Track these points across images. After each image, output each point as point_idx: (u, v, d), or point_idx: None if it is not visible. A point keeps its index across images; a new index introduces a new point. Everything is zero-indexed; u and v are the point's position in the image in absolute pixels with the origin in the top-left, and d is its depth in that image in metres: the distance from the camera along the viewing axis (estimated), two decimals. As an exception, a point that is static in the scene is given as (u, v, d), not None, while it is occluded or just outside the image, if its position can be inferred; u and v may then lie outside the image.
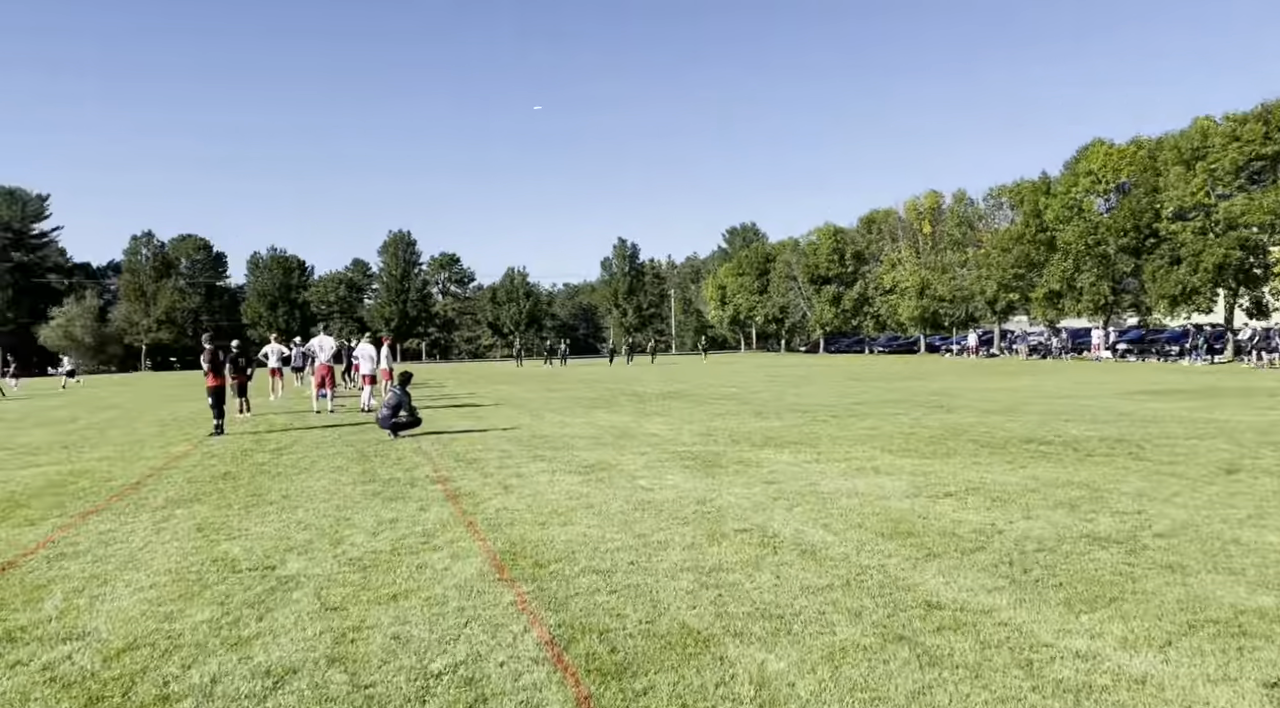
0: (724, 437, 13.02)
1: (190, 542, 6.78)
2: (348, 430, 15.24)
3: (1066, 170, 47.01)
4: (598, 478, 9.41)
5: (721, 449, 11.55)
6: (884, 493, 8.12)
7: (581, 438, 13.27)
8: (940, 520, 6.86)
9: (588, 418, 16.65)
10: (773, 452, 11.19)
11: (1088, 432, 12.56)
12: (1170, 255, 39.45)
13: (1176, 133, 40.28)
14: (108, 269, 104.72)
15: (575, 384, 30.15)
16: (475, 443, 12.86)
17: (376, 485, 9.24)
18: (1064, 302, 47.44)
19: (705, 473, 9.57)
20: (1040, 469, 9.28)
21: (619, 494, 8.39)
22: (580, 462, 10.69)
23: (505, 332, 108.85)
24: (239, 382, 18.79)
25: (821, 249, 71.31)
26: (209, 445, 13.58)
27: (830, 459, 10.40)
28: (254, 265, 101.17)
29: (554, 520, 7.24)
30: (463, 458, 11.22)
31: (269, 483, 9.59)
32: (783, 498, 7.98)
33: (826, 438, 12.53)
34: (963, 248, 55.85)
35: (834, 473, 9.37)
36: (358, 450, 12.30)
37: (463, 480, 9.45)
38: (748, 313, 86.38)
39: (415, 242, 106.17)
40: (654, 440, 12.76)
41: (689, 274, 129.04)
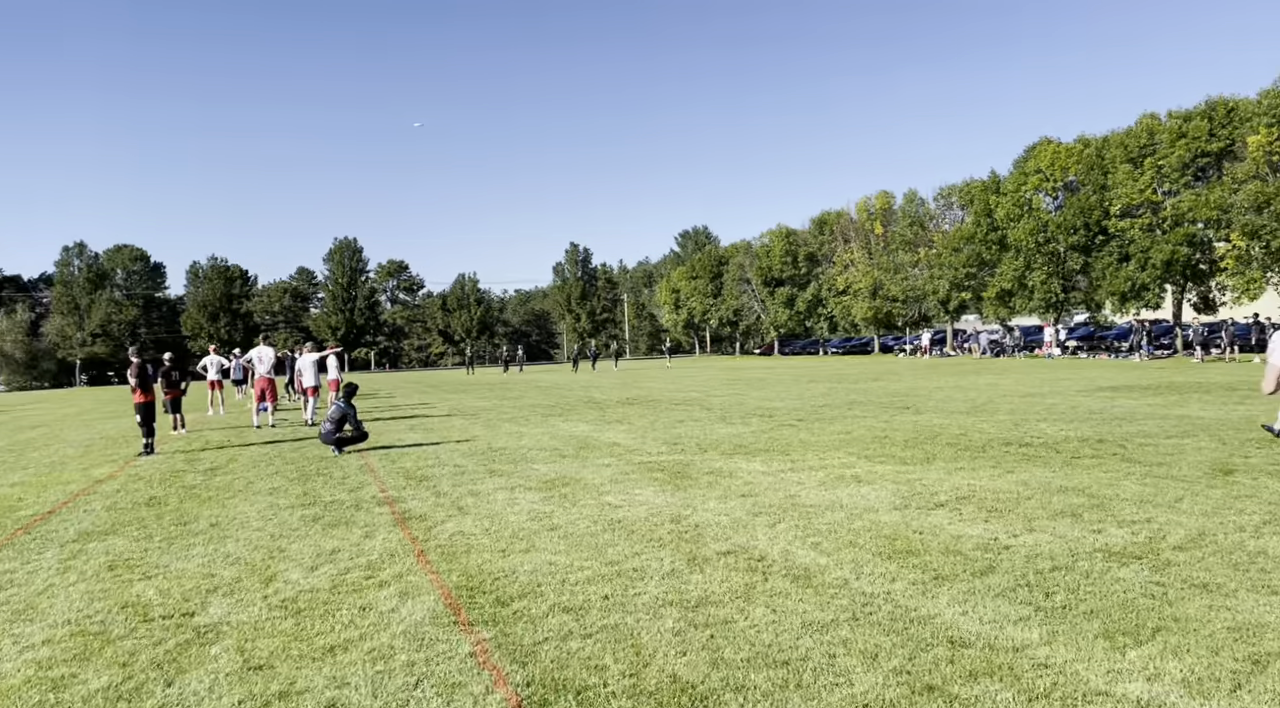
0: (691, 445, 12.39)
1: (99, 583, 5.94)
2: (289, 447, 14.31)
3: (1015, 169, 47.39)
4: (561, 495, 8.71)
5: (690, 459, 10.91)
6: (870, 505, 7.55)
7: (540, 450, 12.54)
8: (939, 536, 6.29)
9: (545, 428, 15.91)
10: (744, 460, 10.59)
11: (1065, 431, 12.17)
12: (1119, 252, 39.89)
13: (1123, 131, 40.77)
14: (39, 281, 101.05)
15: (530, 392, 29.34)
16: (426, 458, 12.06)
17: (317, 509, 8.43)
18: (1015, 300, 47.80)
19: (676, 486, 8.93)
20: (1028, 473, 8.79)
21: (585, 513, 7.70)
22: (540, 477, 9.97)
23: (456, 339, 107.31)
24: (172, 397, 17.72)
25: (774, 251, 71.26)
26: (137, 467, 12.58)
27: (806, 468, 9.83)
28: (194, 275, 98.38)
29: (515, 546, 6.53)
30: (413, 475, 10.43)
31: (198, 509, 8.72)
32: (763, 513, 7.36)
33: (798, 444, 11.97)
34: (914, 248, 56.09)
35: (812, 483, 8.79)
36: (298, 469, 11.43)
37: (413, 501, 8.68)
38: (702, 316, 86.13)
39: (362, 249, 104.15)
40: (617, 451, 12.09)
41: (641, 279, 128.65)
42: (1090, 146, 42.98)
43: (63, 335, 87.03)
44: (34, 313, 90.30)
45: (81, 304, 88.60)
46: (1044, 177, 44.54)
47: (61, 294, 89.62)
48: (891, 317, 60.34)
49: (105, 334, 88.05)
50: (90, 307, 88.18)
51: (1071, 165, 43.09)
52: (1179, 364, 32.76)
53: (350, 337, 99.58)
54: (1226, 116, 36.73)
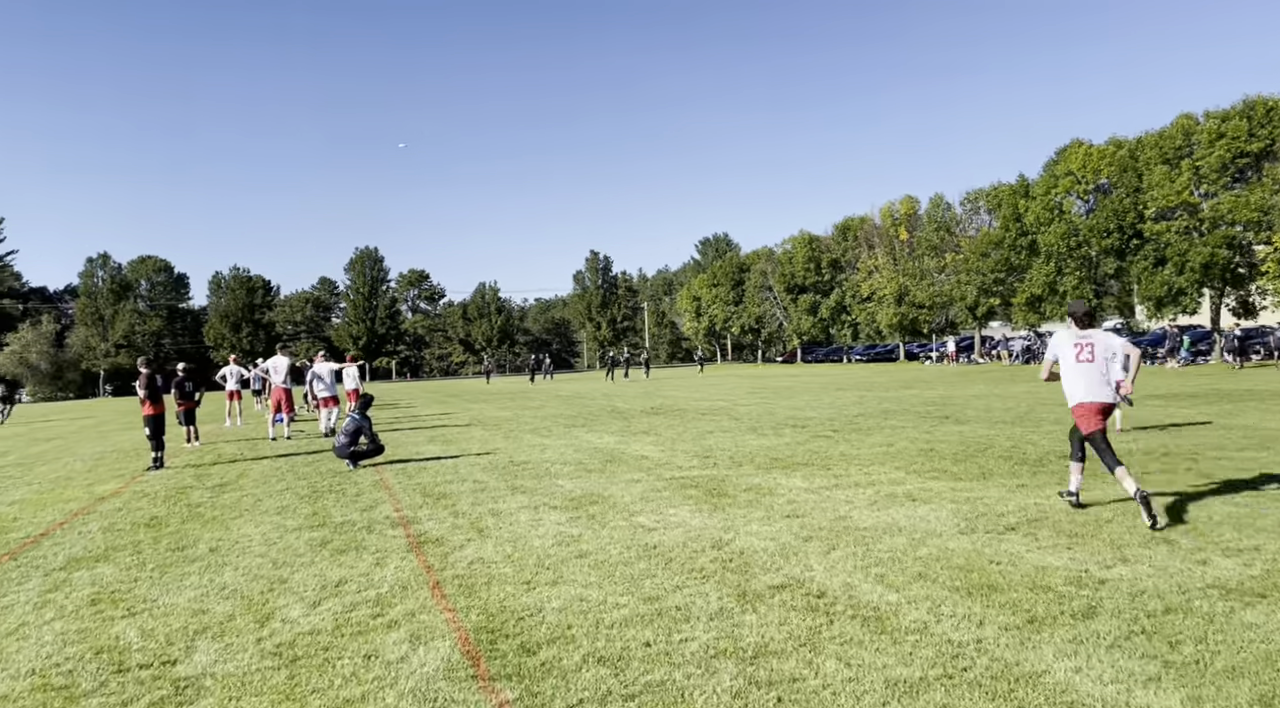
0: (723, 458, 11.68)
1: (77, 622, 5.32)
2: (302, 461, 13.72)
3: (1045, 172, 46.34)
4: (589, 515, 8.03)
5: (724, 474, 10.21)
6: (932, 528, 6.81)
7: (564, 464, 11.87)
8: (1019, 566, 5.55)
9: (568, 439, 15.25)
10: (783, 476, 9.87)
11: (1125, 444, 11.35)
12: (1155, 256, 38.76)
13: (1157, 132, 39.68)
14: (65, 293, 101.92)
15: (552, 401, 28.71)
16: (445, 473, 11.42)
17: (326, 531, 7.79)
18: (1045, 305, 46.68)
19: (713, 506, 8.22)
20: (1097, 491, 8.02)
21: (616, 537, 7.01)
22: (566, 494, 9.30)
23: (477, 348, 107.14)
24: (186, 408, 17.23)
25: (797, 258, 70.38)
26: (143, 482, 12.02)
27: (852, 484, 9.10)
28: (216, 286, 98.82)
29: (541, 577, 5.85)
30: (430, 492, 9.78)
31: (199, 531, 8.11)
32: (814, 538, 6.65)
33: (838, 458, 11.23)
34: (941, 253, 55.07)
35: (862, 502, 8.06)
36: (310, 486, 10.82)
37: (429, 522, 8.03)
38: (723, 324, 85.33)
39: (383, 259, 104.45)
40: (645, 464, 11.40)
41: (661, 287, 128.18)
42: (1123, 148, 41.87)
43: (87, 346, 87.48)
44: (59, 324, 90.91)
45: (105, 315, 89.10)
46: (1075, 179, 43.47)
47: (86, 305, 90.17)
48: (917, 323, 59.27)
49: (129, 345, 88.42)
50: (114, 317, 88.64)
51: (1104, 167, 42.00)
52: (1219, 371, 31.66)
53: (371, 346, 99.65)
54: (1266, 116, 35.60)
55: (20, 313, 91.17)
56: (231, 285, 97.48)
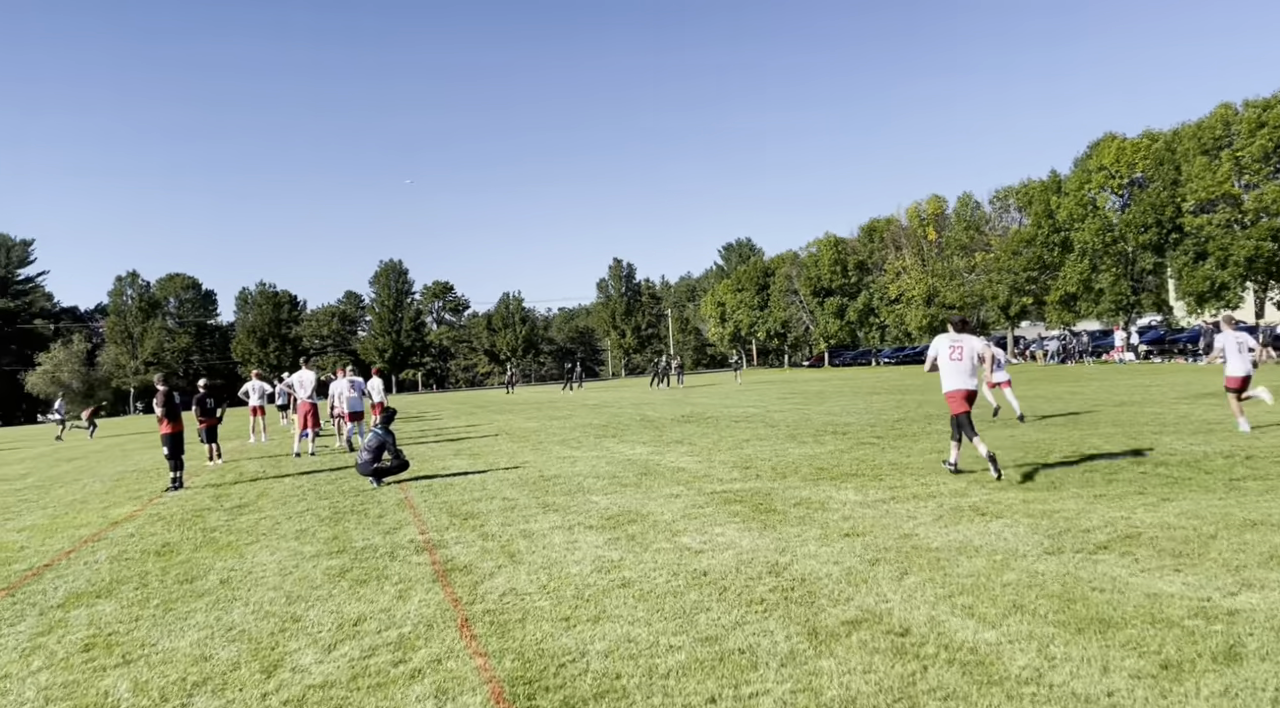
0: (765, 469, 11.02)
1: (66, 672, 4.76)
2: (325, 479, 13.21)
3: (1077, 167, 45.29)
4: (628, 536, 7.40)
5: (769, 487, 9.54)
6: (1012, 547, 6.13)
7: (597, 477, 11.26)
8: (1128, 595, 4.86)
9: (599, 450, 14.64)
10: (833, 488, 9.19)
11: (1197, 446, 10.58)
12: (1196, 250, 37.63)
13: (1195, 122, 38.59)
14: (95, 312, 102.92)
15: (580, 410, 28.12)
16: (472, 489, 10.84)
17: (346, 559, 7.22)
18: (1080, 303, 45.57)
19: (762, 523, 7.57)
20: (1190, 501, 7.29)
21: (661, 561, 6.38)
22: (601, 511, 8.68)
23: (502, 359, 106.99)
24: (207, 425, 16.81)
25: (822, 260, 69.52)
26: (160, 505, 11.54)
27: (910, 496, 8.41)
28: (242, 301, 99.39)
29: (581, 612, 5.23)
30: (457, 512, 9.20)
31: (211, 559, 7.56)
32: (882, 560, 5.99)
33: (889, 467, 10.53)
34: (970, 253, 54.03)
35: (926, 517, 7.37)
36: (331, 506, 10.27)
37: (456, 546, 7.43)
38: (748, 329, 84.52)
39: (407, 271, 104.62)
40: (683, 477, 10.76)
41: (684, 293, 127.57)
42: (1159, 141, 40.81)
43: (117, 364, 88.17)
44: (90, 343, 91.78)
45: (134, 333, 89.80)
46: (1109, 174, 42.42)
47: (115, 323, 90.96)
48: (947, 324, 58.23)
49: (158, 362, 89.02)
50: (143, 335, 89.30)
51: (1139, 161, 40.94)
52: (1266, 368, 30.51)
53: (397, 358, 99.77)
54: (1309, 103, 34.53)
55: (52, 333, 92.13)
56: (258, 301, 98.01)
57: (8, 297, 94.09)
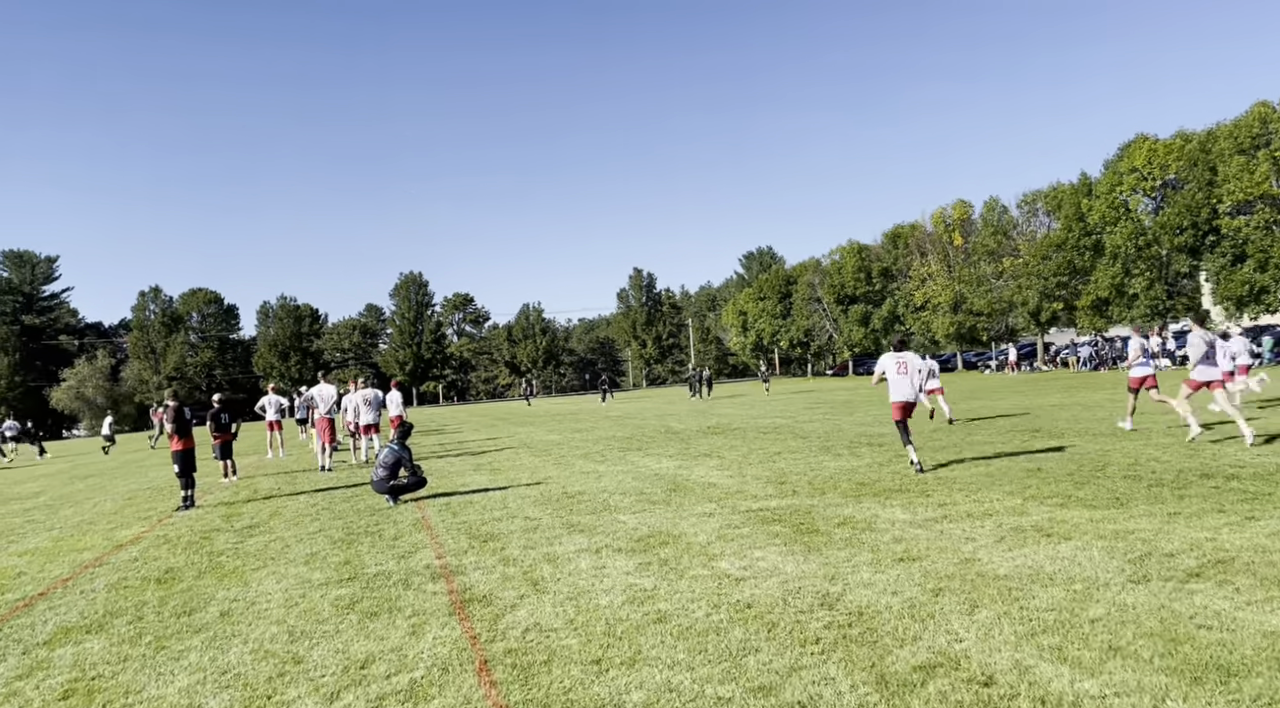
0: (802, 484, 10.42)
1: (38, 725, 4.25)
2: (341, 496, 12.72)
3: (1108, 169, 44.36)
4: (660, 560, 6.83)
5: (808, 504, 8.94)
6: (1091, 574, 5.50)
7: (623, 494, 10.69)
8: (1240, 633, 4.23)
9: (624, 465, 14.08)
10: (877, 505, 8.58)
11: (1269, 459, 9.87)
12: (1234, 252, 36.64)
13: (1231, 122, 37.64)
14: (119, 328, 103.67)
15: (602, 422, 27.58)
16: (493, 508, 10.31)
17: (357, 587, 6.70)
18: (1113, 308, 44.57)
19: (806, 545, 6.98)
20: (1275, 520, 6.63)
21: (699, 591, 5.81)
22: (630, 532, 8.11)
23: (523, 370, 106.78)
24: (222, 441, 16.39)
25: (846, 268, 68.74)
26: (169, 525, 11.10)
27: (964, 515, 7.78)
28: (264, 315, 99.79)
29: (614, 653, 4.66)
30: (476, 533, 8.66)
31: (213, 588, 7.06)
32: (946, 590, 5.38)
33: (935, 481, 9.90)
34: (998, 258, 53.09)
35: (986, 538, 6.75)
36: (345, 527, 9.77)
37: (475, 573, 6.89)
38: (771, 338, 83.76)
39: (427, 283, 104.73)
40: (715, 494, 10.18)
41: (705, 303, 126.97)
42: (1192, 141, 39.87)
43: (140, 379, 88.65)
44: (115, 359, 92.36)
45: (157, 348, 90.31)
46: (1141, 176, 41.49)
47: (138, 339, 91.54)
48: (975, 331, 57.21)
49: (180, 377, 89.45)
50: (165, 350, 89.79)
51: (1172, 162, 40.01)
52: None
53: (418, 371, 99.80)
54: (1349, 99, 33.59)
55: (76, 348, 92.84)
56: (279, 314, 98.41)
57: (33, 313, 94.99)
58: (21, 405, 78.81)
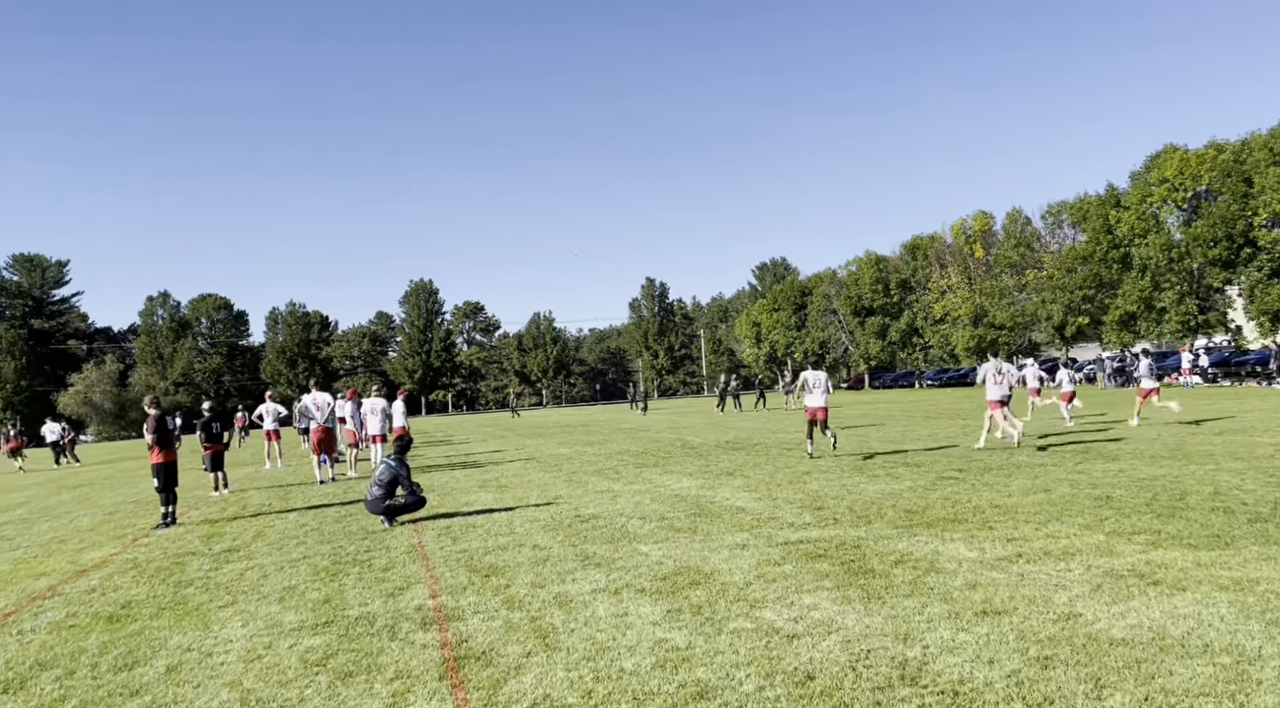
0: (842, 511, 9.35)
1: None
2: (334, 515, 11.71)
3: (1137, 180, 43.17)
4: (692, 606, 5.78)
5: (854, 535, 7.87)
6: (1231, 640, 4.43)
7: (642, 519, 9.64)
8: None
9: (642, 483, 13.02)
10: (936, 539, 7.50)
11: None
12: (1271, 266, 35.37)
13: (1266, 132, 36.46)
14: (128, 333, 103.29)
15: (615, 435, 26.53)
16: (498, 533, 9.27)
17: (333, 635, 5.67)
18: (1141, 323, 43.27)
19: (862, 589, 5.92)
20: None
21: (744, 651, 4.76)
22: (653, 567, 7.06)
23: (533, 379, 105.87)
24: (213, 451, 15.48)
25: (863, 279, 67.54)
26: (143, 547, 10.11)
27: (1041, 553, 6.70)
28: (272, 322, 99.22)
29: (646, 748, 3.61)
30: (478, 566, 7.62)
31: (168, 632, 6.05)
32: (1055, 660, 4.31)
33: (992, 510, 8.81)
34: (1021, 271, 51.86)
35: (1078, 585, 5.68)
36: (333, 552, 8.74)
37: (474, 618, 5.86)
38: (784, 350, 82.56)
39: (438, 290, 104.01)
40: (745, 520, 9.12)
41: (717, 314, 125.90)
42: (1225, 152, 38.66)
43: (147, 385, 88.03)
44: (123, 364, 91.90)
45: (165, 353, 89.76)
46: (1172, 187, 40.28)
47: (145, 344, 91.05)
48: (996, 345, 55.93)
49: (187, 382, 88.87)
50: (173, 356, 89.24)
51: (1204, 172, 38.80)
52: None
53: (427, 379, 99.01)
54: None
55: (85, 353, 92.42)
56: (288, 321, 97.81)
57: (43, 317, 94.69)
58: (28, 410, 78.28)
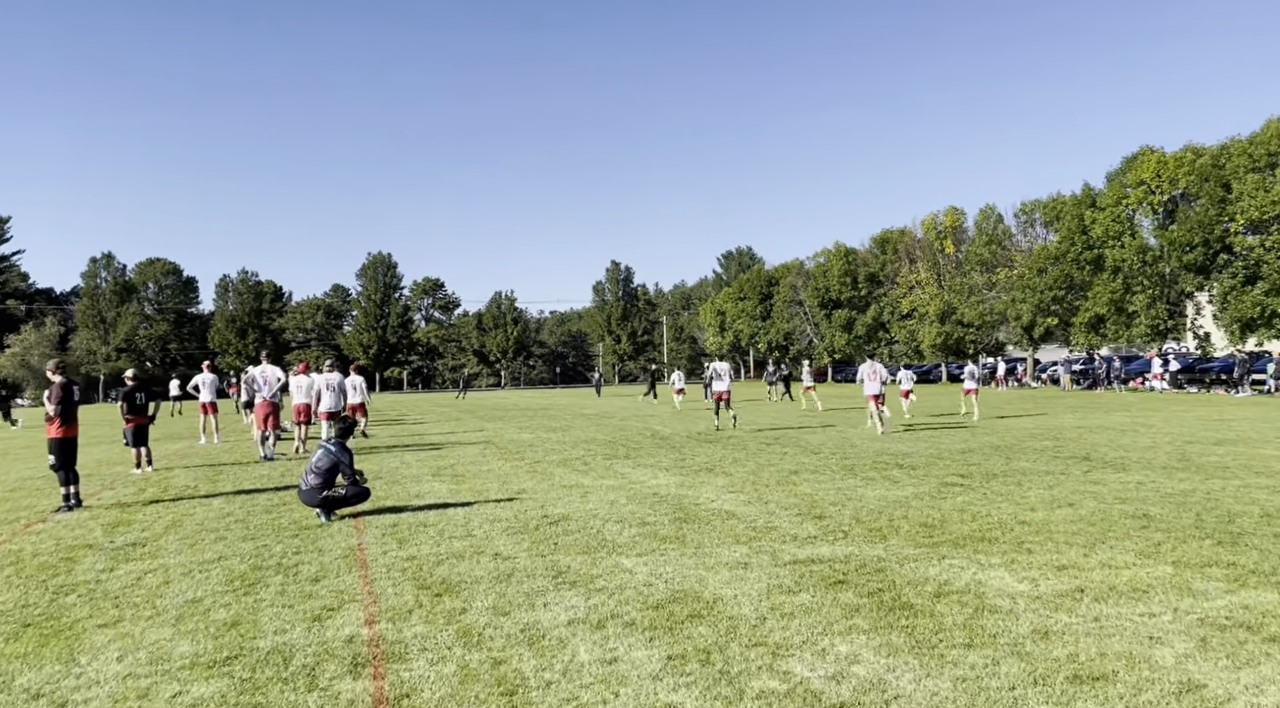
0: (845, 520, 8.19)
1: None
2: (266, 502, 10.30)
3: (1113, 182, 42.74)
4: (699, 651, 4.56)
5: (872, 555, 6.70)
6: None
7: (620, 522, 8.40)
8: None
9: (614, 478, 11.78)
10: (969, 563, 6.36)
11: None
12: (1246, 273, 35.06)
13: (1246, 137, 36.09)
14: (72, 294, 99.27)
15: (577, 420, 25.25)
16: (453, 535, 7.95)
17: (234, 679, 4.34)
18: (1109, 326, 42.95)
19: (905, 631, 4.74)
20: None
21: (783, 734, 3.53)
22: (641, 591, 5.82)
23: (492, 360, 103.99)
24: (135, 425, 13.94)
25: (832, 271, 66.82)
26: (34, 535, 8.63)
27: (1108, 589, 5.58)
28: (223, 289, 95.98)
29: None
30: (428, 580, 6.31)
31: (18, 663, 4.67)
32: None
33: (1020, 527, 7.70)
34: (991, 269, 51.38)
35: (1178, 638, 4.56)
36: (254, 553, 7.37)
37: (420, 658, 4.57)
38: (749, 339, 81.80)
39: (396, 265, 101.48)
40: (738, 529, 7.93)
41: (679, 301, 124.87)
42: (1203, 156, 38.30)
43: (88, 350, 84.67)
44: (64, 327, 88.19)
45: (108, 317, 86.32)
46: (1148, 189, 39.87)
47: (87, 307, 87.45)
48: (963, 343, 55.51)
49: (130, 348, 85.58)
50: (116, 320, 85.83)
51: (1181, 176, 38.41)
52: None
53: (383, 355, 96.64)
54: (1373, 120, 32.13)
55: (24, 314, 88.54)
56: (239, 290, 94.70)
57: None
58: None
